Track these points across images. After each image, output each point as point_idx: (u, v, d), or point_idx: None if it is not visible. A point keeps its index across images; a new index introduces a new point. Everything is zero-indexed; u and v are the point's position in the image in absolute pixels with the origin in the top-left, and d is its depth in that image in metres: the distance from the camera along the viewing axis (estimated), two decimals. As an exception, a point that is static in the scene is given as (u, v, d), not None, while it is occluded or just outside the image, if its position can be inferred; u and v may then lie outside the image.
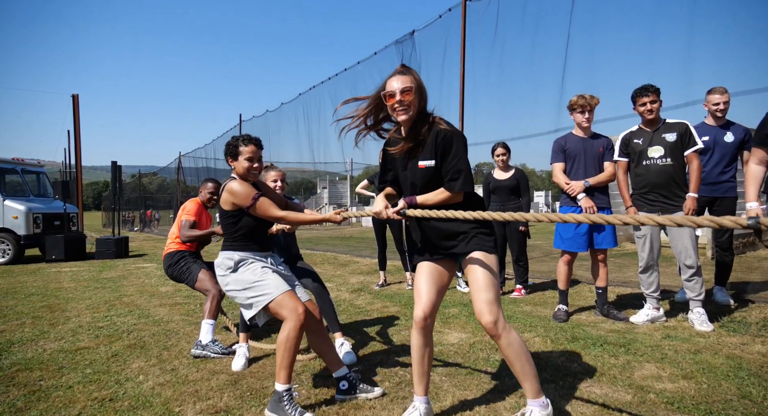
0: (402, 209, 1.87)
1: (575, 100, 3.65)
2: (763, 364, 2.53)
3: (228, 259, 2.32)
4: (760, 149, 2.88)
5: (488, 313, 1.76)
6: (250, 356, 2.88)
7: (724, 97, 3.80)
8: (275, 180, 3.06)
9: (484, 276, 1.78)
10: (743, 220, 1.15)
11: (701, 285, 3.32)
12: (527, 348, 1.85)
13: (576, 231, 3.63)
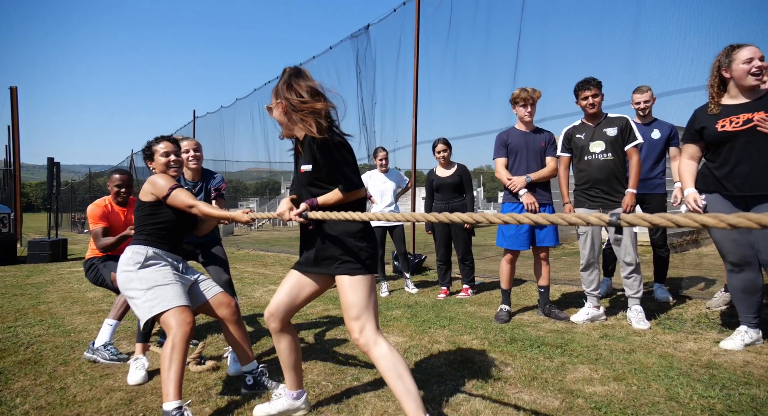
0: (304, 211, 1.82)
1: (517, 93, 3.55)
2: (693, 362, 2.47)
3: (138, 253, 2.20)
4: (691, 145, 2.84)
5: (354, 331, 1.80)
6: (151, 367, 2.59)
7: (645, 95, 3.84)
8: (187, 150, 2.90)
9: (349, 297, 1.81)
10: (606, 216, 1.10)
11: (639, 283, 3.28)
12: (402, 364, 1.72)
13: (518, 229, 3.53)
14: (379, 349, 1.75)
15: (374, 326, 1.80)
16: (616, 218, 1.07)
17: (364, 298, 1.81)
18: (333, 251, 1.86)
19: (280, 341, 1.98)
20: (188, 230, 2.45)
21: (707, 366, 2.41)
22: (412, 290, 4.81)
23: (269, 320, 1.96)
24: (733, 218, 0.94)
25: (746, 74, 2.48)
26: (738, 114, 2.56)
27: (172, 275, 2.19)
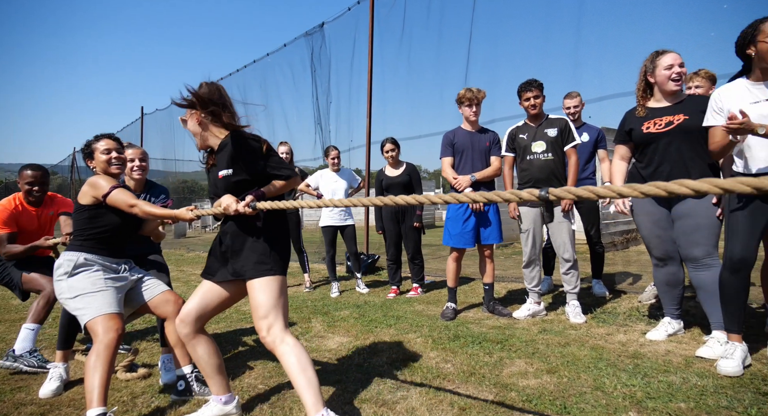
0: (252, 202, 1.82)
1: (462, 93, 3.60)
2: (621, 353, 2.59)
3: (69, 260, 2.10)
4: (622, 146, 2.98)
5: (261, 329, 1.81)
6: (72, 378, 2.43)
7: (575, 101, 4.02)
8: (132, 159, 2.74)
9: (258, 297, 1.83)
10: (536, 191, 1.16)
11: (577, 278, 3.41)
12: (306, 358, 1.78)
13: (463, 228, 3.58)
14: (285, 346, 1.78)
15: (282, 325, 1.82)
16: (545, 193, 1.15)
17: (274, 298, 1.83)
18: (245, 256, 1.88)
19: (196, 347, 1.93)
20: (132, 232, 2.34)
21: (633, 356, 2.53)
22: (363, 290, 4.79)
23: (180, 326, 1.92)
24: (645, 187, 1.02)
25: (667, 80, 2.63)
26: (661, 117, 2.71)
27: (103, 282, 2.10)
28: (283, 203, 1.76)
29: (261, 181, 1.93)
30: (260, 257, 1.86)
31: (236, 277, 1.89)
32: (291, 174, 1.96)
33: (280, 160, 1.96)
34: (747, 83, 2.29)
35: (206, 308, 1.94)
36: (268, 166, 1.92)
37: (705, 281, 2.55)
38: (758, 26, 2.15)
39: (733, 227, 2.32)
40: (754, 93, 2.26)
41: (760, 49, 2.15)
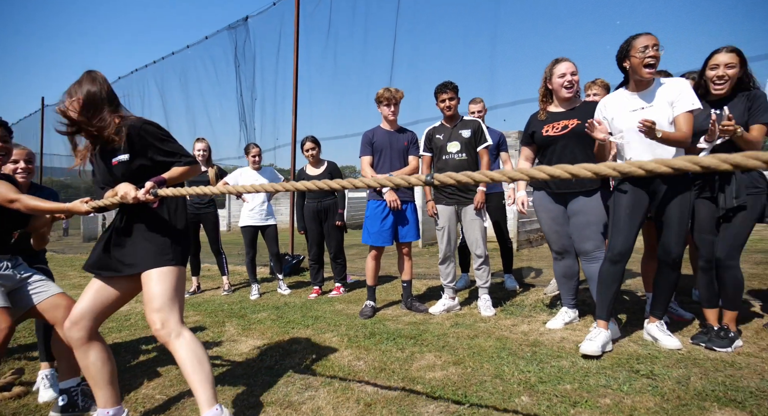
0: (153, 189, 1.73)
1: (381, 93, 3.64)
2: (523, 342, 2.75)
3: None
4: (526, 148, 3.17)
5: (155, 322, 1.73)
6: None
7: (479, 106, 4.25)
8: (16, 161, 2.47)
9: (152, 289, 1.75)
10: (423, 176, 1.23)
11: (488, 273, 3.57)
12: (203, 352, 1.75)
13: (381, 226, 3.62)
14: (181, 340, 1.72)
15: (178, 318, 1.76)
16: (430, 178, 1.21)
17: (170, 289, 1.76)
18: (143, 246, 1.79)
19: (87, 354, 1.77)
20: (16, 227, 2.11)
21: (533, 345, 2.70)
22: (285, 291, 4.68)
23: (71, 330, 1.75)
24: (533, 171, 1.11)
25: (561, 87, 2.84)
26: (559, 121, 2.92)
27: None
28: (186, 189, 1.71)
29: (160, 168, 1.85)
30: (159, 248, 1.79)
31: (132, 271, 1.78)
32: (191, 161, 1.89)
33: (180, 146, 1.90)
34: (626, 93, 2.54)
35: (99, 309, 1.81)
36: (166, 151, 1.84)
37: (595, 272, 2.78)
38: (631, 42, 2.39)
39: (615, 222, 2.56)
40: (632, 102, 2.51)
41: (633, 63, 2.40)
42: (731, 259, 2.49)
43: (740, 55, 2.44)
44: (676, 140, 2.31)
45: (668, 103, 2.39)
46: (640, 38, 2.37)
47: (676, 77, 2.54)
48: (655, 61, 2.35)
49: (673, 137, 2.31)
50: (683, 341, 2.59)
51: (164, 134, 1.87)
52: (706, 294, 2.63)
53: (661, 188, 2.47)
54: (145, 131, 1.80)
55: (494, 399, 2.03)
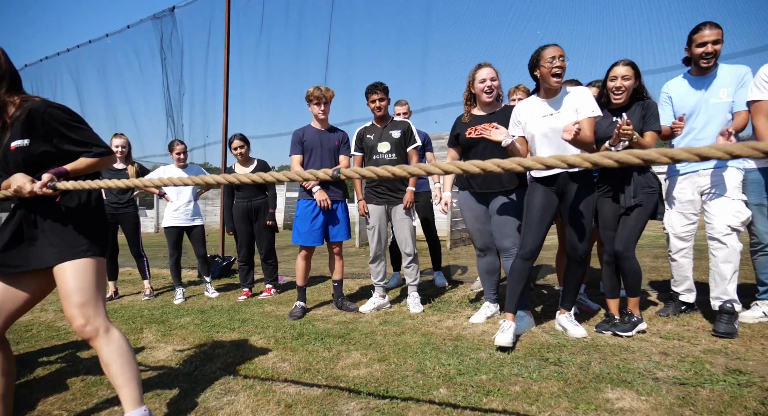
0: (51, 182, 1.57)
1: (311, 91, 3.61)
2: (446, 337, 2.85)
3: None
4: (452, 149, 3.29)
5: (76, 318, 1.61)
6: None
7: (403, 108, 4.38)
8: None
9: (70, 283, 1.62)
10: (330, 171, 1.24)
11: (417, 271, 3.66)
12: (131, 350, 1.70)
13: (311, 226, 3.59)
14: (110, 336, 1.64)
15: (104, 313, 1.68)
16: (337, 173, 1.23)
17: (90, 283, 1.64)
18: (52, 240, 1.64)
19: None
20: None
21: (455, 339, 2.81)
22: (213, 294, 4.49)
23: None
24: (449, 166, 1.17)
25: (481, 92, 2.98)
26: (481, 123, 3.06)
27: None
28: (91, 182, 1.57)
29: (67, 157, 1.70)
30: (73, 239, 1.66)
31: (42, 264, 1.63)
32: (103, 152, 1.74)
33: (92, 134, 1.75)
34: (537, 100, 2.72)
35: (7, 312, 1.64)
36: (75, 140, 1.69)
37: (512, 267, 2.94)
38: (540, 53, 2.57)
39: (527, 222, 2.72)
40: (543, 108, 2.68)
41: (542, 72, 2.57)
42: (628, 251, 2.73)
43: (635, 68, 2.69)
44: (582, 141, 2.51)
45: (574, 109, 2.59)
46: (548, 49, 2.55)
47: (580, 86, 2.75)
48: (562, 71, 2.54)
49: (580, 140, 2.51)
50: (589, 330, 2.81)
51: (74, 119, 1.71)
52: (608, 285, 2.86)
53: (568, 189, 2.67)
54: (50, 115, 1.64)
55: (414, 392, 2.08)
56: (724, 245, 2.73)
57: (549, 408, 1.87)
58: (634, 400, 1.89)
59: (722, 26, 2.74)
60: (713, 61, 2.75)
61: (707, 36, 2.71)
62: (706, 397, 1.88)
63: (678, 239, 2.97)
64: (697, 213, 2.94)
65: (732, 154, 0.84)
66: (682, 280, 3.02)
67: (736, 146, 0.84)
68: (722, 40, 2.73)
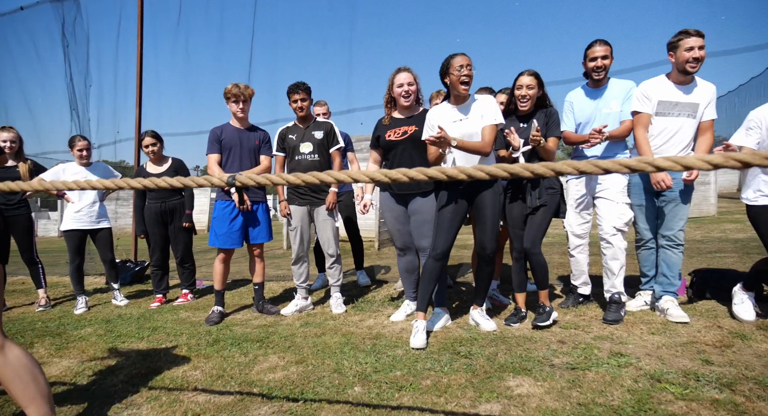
0: None
1: (229, 88, 3.49)
2: (366, 336, 2.89)
3: None
4: (373, 151, 3.35)
5: None
6: None
7: (323, 109, 4.41)
8: None
9: None
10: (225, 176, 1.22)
11: (340, 272, 3.67)
12: (36, 364, 1.57)
13: (230, 227, 3.47)
14: (6, 352, 1.50)
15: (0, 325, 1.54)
16: (232, 179, 1.21)
17: None
18: None
19: None
20: None
21: (375, 337, 2.86)
22: (121, 302, 4.17)
23: None
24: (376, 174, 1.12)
25: (399, 96, 3.07)
26: (400, 126, 3.14)
27: None
28: None
29: None
30: None
31: None
32: None
33: None
34: (448, 106, 2.85)
35: None
36: None
37: (430, 266, 3.05)
38: (450, 61, 2.70)
39: (440, 224, 2.84)
40: (453, 114, 2.82)
41: (452, 80, 2.71)
42: (535, 247, 2.95)
43: (538, 78, 2.92)
44: (473, 148, 2.66)
45: (480, 116, 2.75)
46: (456, 58, 2.69)
47: (487, 95, 2.91)
48: (469, 79, 2.69)
49: (470, 146, 2.66)
50: (499, 323, 3.00)
51: None
52: (516, 280, 3.07)
53: (477, 192, 2.83)
54: None
55: (329, 392, 2.09)
56: (611, 244, 3.05)
57: (456, 398, 1.98)
58: (531, 386, 2.06)
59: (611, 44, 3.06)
60: (603, 74, 3.06)
61: (597, 52, 3.01)
62: (592, 379, 2.09)
63: (575, 236, 3.27)
64: (591, 213, 3.25)
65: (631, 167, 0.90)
66: (579, 274, 3.33)
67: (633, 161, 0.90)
68: (611, 56, 3.05)
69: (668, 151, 3.02)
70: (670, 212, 2.99)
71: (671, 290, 3.01)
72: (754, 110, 2.84)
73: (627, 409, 1.79)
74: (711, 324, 2.74)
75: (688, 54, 2.79)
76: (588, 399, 1.89)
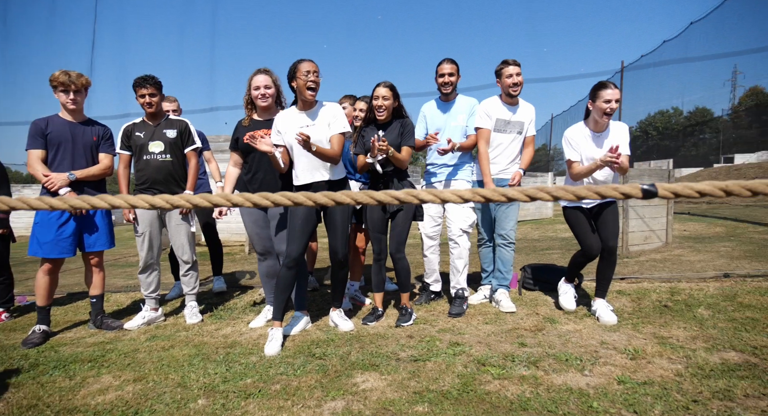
0: None
1: (56, 75, 3.03)
2: (221, 345, 2.77)
3: None
4: (234, 153, 3.22)
5: None
6: None
7: (172, 105, 4.17)
8: None
9: None
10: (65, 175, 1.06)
11: (196, 279, 3.45)
12: None
13: (58, 234, 3.02)
14: None
15: None
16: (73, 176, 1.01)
17: None
18: None
19: None
20: None
21: (230, 346, 2.75)
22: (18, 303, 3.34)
23: None
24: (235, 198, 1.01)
25: (256, 98, 3.02)
26: (259, 129, 3.07)
27: None
28: None
29: None
30: None
31: None
32: None
33: None
34: (296, 111, 2.87)
35: None
36: None
37: (290, 270, 3.05)
38: (297, 66, 2.73)
39: (291, 231, 2.83)
40: (300, 119, 2.85)
41: (298, 85, 2.73)
42: (399, 252, 3.14)
43: (393, 90, 3.11)
44: (327, 155, 2.74)
45: (327, 123, 2.83)
46: (303, 63, 2.73)
47: (334, 103, 2.99)
48: (316, 85, 2.74)
49: (325, 152, 2.74)
50: (357, 323, 3.12)
51: None
52: (375, 281, 3.23)
53: None
54: None
55: (168, 409, 1.96)
56: (458, 244, 3.40)
57: (303, 400, 2.01)
58: (377, 380, 2.19)
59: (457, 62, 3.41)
60: (450, 89, 3.39)
61: (445, 69, 3.34)
62: (430, 368, 2.30)
63: (428, 237, 3.56)
64: (442, 217, 3.58)
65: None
66: (431, 272, 3.63)
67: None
68: (458, 73, 3.40)
69: (503, 161, 3.47)
70: (502, 214, 3.43)
71: (504, 283, 3.46)
72: (567, 129, 3.36)
73: (453, 392, 2.01)
74: (531, 312, 3.22)
75: (509, 80, 3.26)
76: (423, 387, 2.08)
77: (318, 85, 2.74)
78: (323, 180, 2.87)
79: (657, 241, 5.79)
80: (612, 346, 2.48)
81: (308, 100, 2.80)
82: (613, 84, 2.95)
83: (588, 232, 3.04)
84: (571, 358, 2.32)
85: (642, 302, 3.28)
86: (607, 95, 2.90)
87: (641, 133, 34.33)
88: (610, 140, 3.01)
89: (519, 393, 1.98)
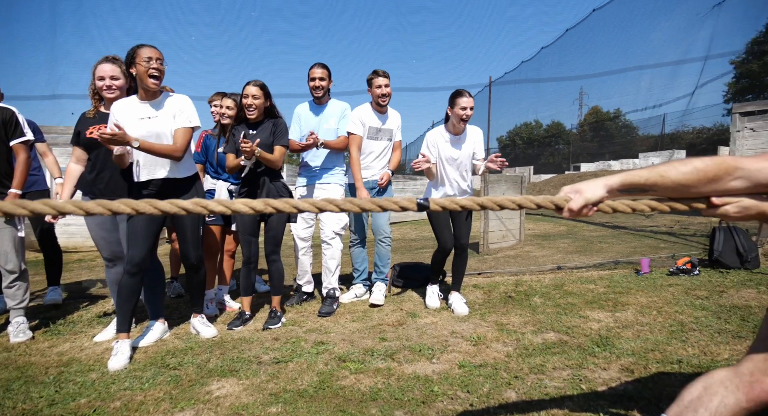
0: None
1: None
2: (52, 364, 2.44)
3: None
4: (76, 148, 2.87)
5: None
6: None
7: None
8: None
9: None
10: None
11: (24, 291, 2.98)
12: None
13: None
14: None
15: None
16: None
17: None
18: None
19: None
20: None
21: (64, 365, 2.43)
22: None
23: None
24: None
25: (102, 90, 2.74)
26: (106, 122, 2.78)
27: None
28: None
29: None
30: None
31: None
32: None
33: None
34: (137, 100, 2.58)
35: None
36: None
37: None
38: (137, 51, 2.47)
39: (132, 234, 2.57)
40: (142, 110, 2.59)
41: (139, 72, 2.48)
42: (274, 254, 3.08)
43: (264, 89, 3.04)
44: (161, 151, 2.52)
45: (172, 115, 2.64)
46: (144, 49, 2.49)
47: (184, 96, 2.78)
48: (159, 73, 2.52)
49: (158, 149, 2.51)
50: (222, 328, 3.00)
51: None
52: (243, 284, 3.14)
53: (174, 198, 2.73)
54: None
55: (-29, 445, 1.68)
56: (331, 246, 3.47)
57: (146, 414, 1.87)
58: (233, 386, 2.13)
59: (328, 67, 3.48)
60: (321, 93, 3.44)
61: (316, 73, 3.39)
62: (291, 369, 2.31)
63: (300, 239, 3.57)
64: (314, 219, 3.62)
65: None
66: (303, 274, 3.65)
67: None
68: (327, 78, 3.46)
69: (376, 166, 3.63)
70: (376, 213, 3.59)
71: (381, 277, 3.62)
72: (428, 132, 3.61)
73: (310, 390, 2.06)
74: (396, 307, 3.42)
75: (378, 91, 3.44)
76: (280, 388, 2.09)
77: (162, 73, 2.53)
78: (163, 178, 2.64)
79: (512, 239, 6.56)
80: (460, 335, 2.76)
81: (151, 89, 2.56)
82: (468, 93, 3.25)
83: (444, 229, 3.33)
84: (423, 348, 2.53)
85: (492, 294, 3.69)
86: (463, 103, 3.18)
87: (510, 142, 38.54)
88: (467, 143, 3.35)
89: (372, 385, 2.10)
